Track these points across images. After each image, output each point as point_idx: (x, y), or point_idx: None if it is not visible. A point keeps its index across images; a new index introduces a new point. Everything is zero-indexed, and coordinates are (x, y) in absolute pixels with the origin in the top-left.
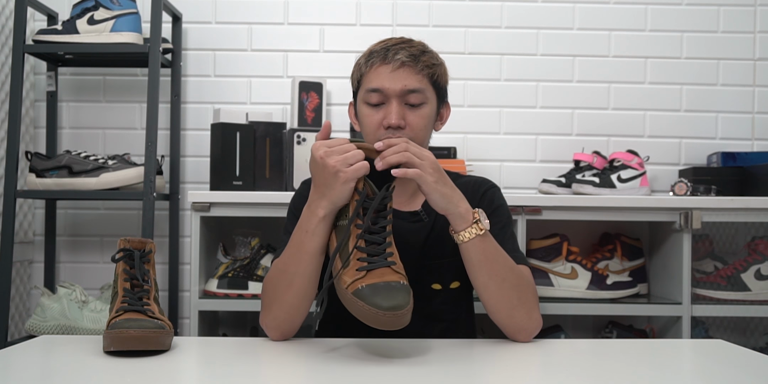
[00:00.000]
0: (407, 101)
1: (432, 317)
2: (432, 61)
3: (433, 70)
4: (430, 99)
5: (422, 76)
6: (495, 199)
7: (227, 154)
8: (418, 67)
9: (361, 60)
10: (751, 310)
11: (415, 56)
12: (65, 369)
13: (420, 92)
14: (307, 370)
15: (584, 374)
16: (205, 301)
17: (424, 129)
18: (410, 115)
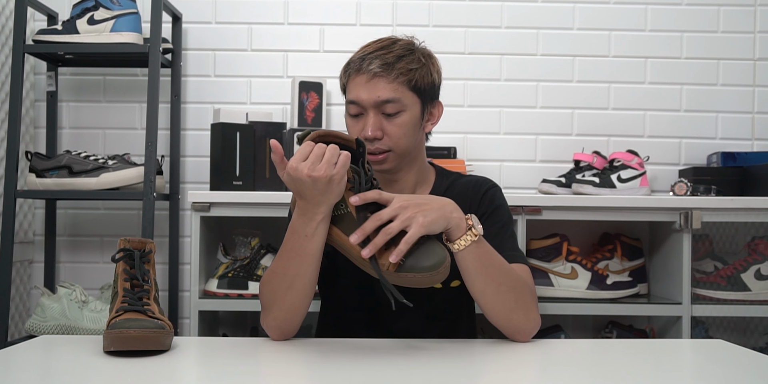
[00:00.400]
0: (383, 111)
1: (432, 316)
2: (409, 66)
3: (410, 75)
4: (410, 105)
5: (397, 84)
6: (495, 199)
7: (227, 154)
8: (391, 76)
9: (342, 69)
10: (751, 310)
11: (388, 65)
12: (65, 369)
13: (395, 102)
14: (307, 370)
15: (584, 374)
16: (205, 301)
17: (403, 137)
18: (387, 125)
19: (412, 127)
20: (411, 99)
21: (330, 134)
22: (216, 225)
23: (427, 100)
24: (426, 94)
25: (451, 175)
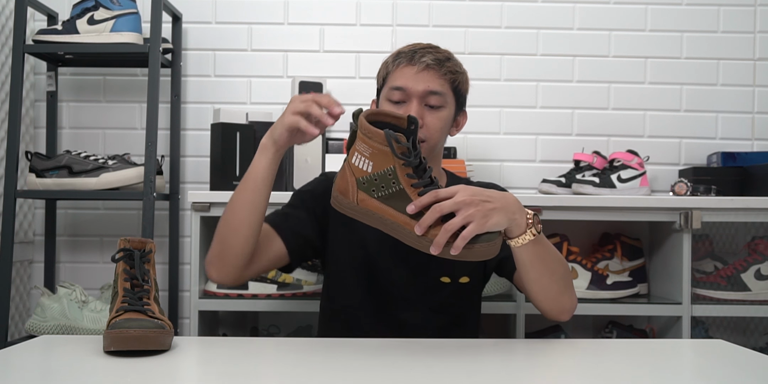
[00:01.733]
0: (427, 103)
1: (437, 310)
2: (456, 68)
3: (456, 76)
4: (450, 104)
5: (444, 80)
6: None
7: (227, 154)
8: (441, 71)
9: (388, 59)
10: (751, 310)
11: (440, 61)
12: (65, 369)
13: (441, 95)
14: (307, 370)
15: (584, 374)
16: (205, 301)
17: (439, 131)
18: (428, 116)
19: (447, 124)
20: (451, 98)
21: (381, 113)
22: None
23: (460, 106)
24: (461, 99)
25: (461, 180)
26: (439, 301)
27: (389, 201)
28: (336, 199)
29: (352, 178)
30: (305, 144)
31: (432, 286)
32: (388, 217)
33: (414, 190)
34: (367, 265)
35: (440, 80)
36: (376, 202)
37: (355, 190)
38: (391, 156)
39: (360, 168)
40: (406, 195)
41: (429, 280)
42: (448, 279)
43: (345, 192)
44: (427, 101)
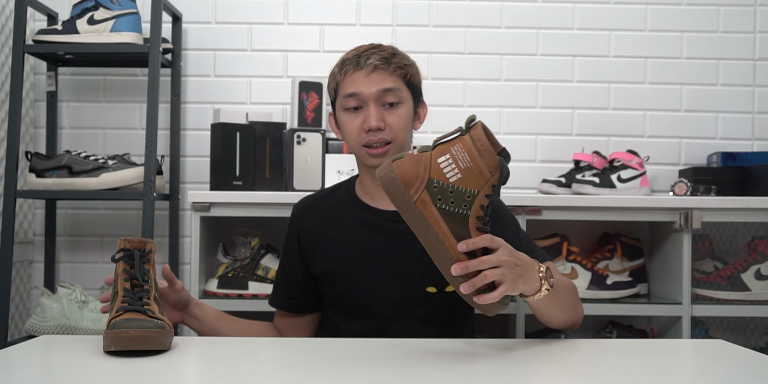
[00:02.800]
0: (384, 101)
1: (428, 320)
2: (403, 61)
3: (406, 70)
4: (406, 99)
5: (396, 76)
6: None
7: (227, 154)
8: (390, 68)
9: (335, 69)
10: (751, 310)
11: (386, 59)
12: (65, 369)
13: (396, 91)
14: (307, 370)
15: (584, 374)
16: (205, 301)
17: (403, 129)
18: (389, 116)
19: (409, 120)
20: (406, 93)
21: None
22: (216, 225)
23: (417, 98)
24: (417, 91)
25: None
26: (428, 311)
27: (448, 218)
28: (392, 182)
29: (425, 175)
30: (305, 144)
31: (419, 297)
32: (437, 232)
33: (475, 223)
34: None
35: (392, 77)
36: (435, 211)
37: (422, 188)
38: (484, 182)
39: (443, 171)
40: (466, 223)
41: (415, 292)
42: (434, 289)
43: (410, 183)
44: (384, 100)
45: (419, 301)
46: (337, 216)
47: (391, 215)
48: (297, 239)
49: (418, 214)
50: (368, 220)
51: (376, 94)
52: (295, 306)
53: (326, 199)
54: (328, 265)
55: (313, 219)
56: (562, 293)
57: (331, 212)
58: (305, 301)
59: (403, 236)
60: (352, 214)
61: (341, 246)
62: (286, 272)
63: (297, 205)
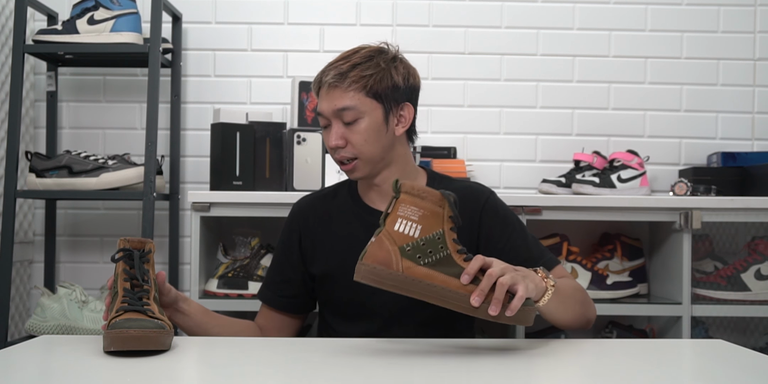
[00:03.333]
0: (343, 119)
1: (428, 324)
2: (363, 72)
3: (364, 82)
4: (368, 111)
5: (353, 91)
6: (498, 209)
7: (227, 154)
8: (344, 84)
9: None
10: (751, 310)
11: (341, 74)
12: (65, 369)
13: (349, 109)
14: (307, 370)
15: (584, 374)
16: (205, 301)
17: (365, 143)
18: (349, 133)
19: (375, 132)
20: (369, 105)
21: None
22: (216, 225)
23: (391, 104)
24: (388, 98)
25: (442, 180)
26: (428, 315)
27: (437, 267)
28: (373, 271)
29: (393, 247)
30: (305, 144)
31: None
32: (439, 284)
33: (460, 256)
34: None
35: (347, 94)
36: (423, 269)
37: (398, 258)
38: (441, 218)
39: (405, 234)
40: (453, 261)
41: None
42: None
43: (387, 263)
44: (342, 118)
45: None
46: (340, 217)
47: None
48: (298, 239)
49: (413, 280)
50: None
51: (333, 113)
52: (288, 305)
53: (328, 199)
54: (328, 266)
55: (315, 219)
56: (569, 292)
57: (333, 213)
58: (299, 301)
59: None
60: (355, 215)
61: (343, 247)
62: (284, 270)
63: (298, 204)
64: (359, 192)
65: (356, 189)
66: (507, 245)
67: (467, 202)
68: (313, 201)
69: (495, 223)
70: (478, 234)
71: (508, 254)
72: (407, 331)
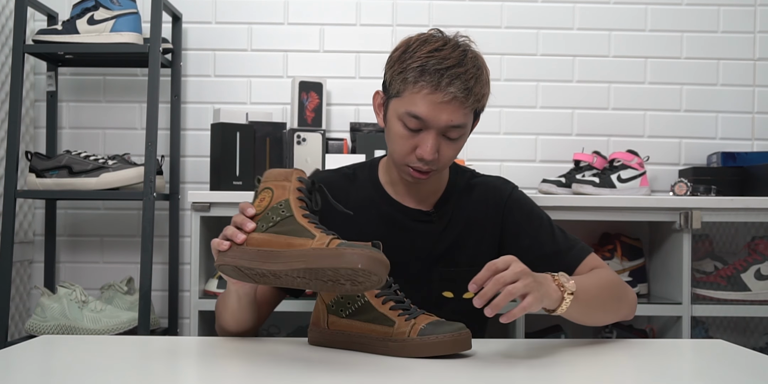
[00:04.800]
0: (446, 134)
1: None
2: (483, 90)
3: (481, 103)
4: (468, 130)
5: (469, 110)
6: (523, 204)
7: (227, 154)
8: (468, 102)
9: (408, 74)
10: (751, 310)
11: (468, 90)
12: (65, 369)
13: (462, 127)
14: (307, 370)
15: (584, 374)
16: (205, 301)
17: (452, 158)
18: (444, 148)
19: (461, 149)
20: (470, 124)
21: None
22: (216, 225)
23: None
24: (478, 116)
25: (465, 174)
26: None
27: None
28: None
29: (322, 306)
30: (305, 144)
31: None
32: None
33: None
34: None
35: (465, 111)
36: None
37: (325, 315)
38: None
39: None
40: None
41: (430, 293)
42: (450, 294)
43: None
44: (447, 133)
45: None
46: (359, 204)
47: (415, 213)
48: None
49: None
50: (391, 216)
51: (442, 127)
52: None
53: (347, 180)
54: None
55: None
56: (595, 292)
57: (352, 198)
58: None
59: (424, 237)
60: (375, 205)
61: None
62: None
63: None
64: (380, 178)
65: (377, 175)
66: (533, 241)
67: (491, 199)
68: (331, 177)
69: (519, 218)
70: (501, 229)
71: (535, 251)
72: None
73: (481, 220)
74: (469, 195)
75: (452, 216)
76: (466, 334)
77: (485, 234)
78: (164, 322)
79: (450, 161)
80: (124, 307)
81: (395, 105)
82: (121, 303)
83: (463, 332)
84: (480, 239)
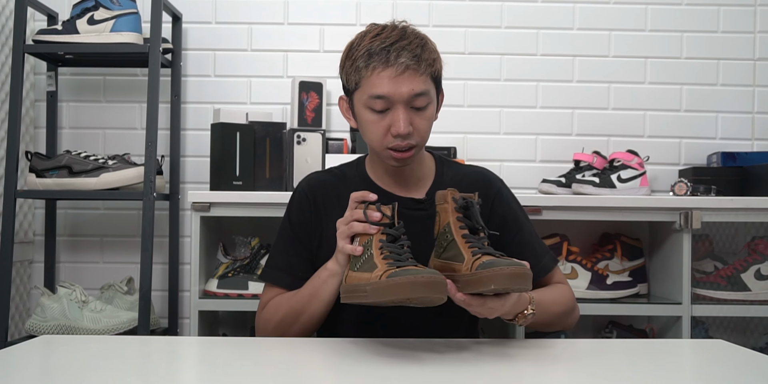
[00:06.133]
0: (413, 105)
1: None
2: (432, 55)
3: (434, 67)
4: (433, 97)
5: (426, 76)
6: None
7: (227, 154)
8: (421, 68)
9: (359, 61)
10: (751, 310)
11: (418, 56)
12: (65, 369)
13: (425, 94)
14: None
15: (584, 374)
16: (205, 301)
17: (428, 130)
18: (416, 119)
19: (433, 118)
20: (433, 91)
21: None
22: (216, 225)
23: (439, 89)
24: (439, 83)
25: (452, 165)
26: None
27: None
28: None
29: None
30: (305, 144)
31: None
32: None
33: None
34: None
35: (422, 77)
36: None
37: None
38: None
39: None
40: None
41: None
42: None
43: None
44: (413, 104)
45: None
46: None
47: (406, 201)
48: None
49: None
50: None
51: (406, 98)
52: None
53: (338, 179)
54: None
55: (326, 198)
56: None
57: (343, 194)
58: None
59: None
60: None
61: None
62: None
63: (306, 181)
64: (368, 173)
65: (365, 171)
66: (516, 238)
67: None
68: (323, 178)
69: (507, 213)
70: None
71: (516, 247)
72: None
73: None
74: (461, 183)
75: None
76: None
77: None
78: (164, 322)
79: (426, 134)
80: (124, 307)
81: (358, 96)
82: (121, 303)
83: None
84: None
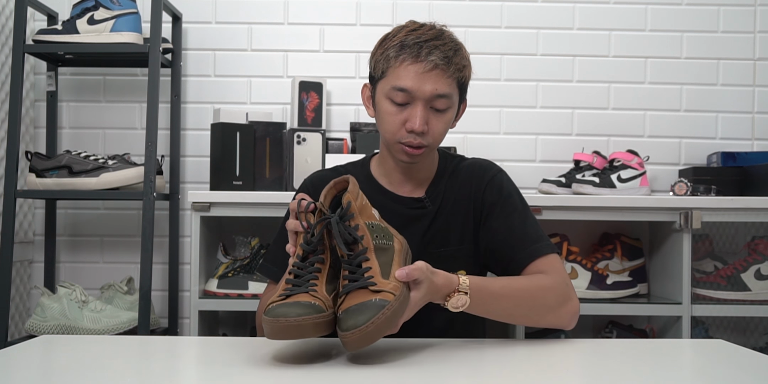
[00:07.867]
0: (433, 105)
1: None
2: (463, 62)
3: (463, 73)
4: (454, 103)
5: (452, 80)
6: (503, 188)
7: (227, 154)
8: (450, 70)
9: (390, 51)
10: (751, 310)
11: (448, 58)
12: (65, 369)
13: (448, 98)
14: (307, 369)
15: (584, 374)
16: (205, 301)
17: (443, 133)
18: (433, 120)
19: (449, 125)
20: (456, 96)
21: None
22: (216, 225)
23: (462, 98)
24: (464, 92)
25: (455, 159)
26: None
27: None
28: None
29: None
30: (305, 144)
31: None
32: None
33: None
34: None
35: (448, 80)
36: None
37: None
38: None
39: None
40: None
41: None
42: None
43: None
44: (432, 104)
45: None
46: None
47: (408, 202)
48: None
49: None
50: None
51: (428, 97)
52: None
53: None
54: None
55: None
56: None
57: None
58: None
59: (418, 222)
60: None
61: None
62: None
63: (310, 178)
64: (373, 171)
65: (369, 170)
66: (502, 224)
67: (475, 179)
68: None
69: (496, 199)
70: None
71: (502, 233)
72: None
73: (465, 199)
74: (457, 177)
75: (443, 199)
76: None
77: (468, 212)
78: (164, 322)
79: (440, 137)
80: (124, 307)
81: (381, 85)
82: (121, 303)
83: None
84: (465, 218)
